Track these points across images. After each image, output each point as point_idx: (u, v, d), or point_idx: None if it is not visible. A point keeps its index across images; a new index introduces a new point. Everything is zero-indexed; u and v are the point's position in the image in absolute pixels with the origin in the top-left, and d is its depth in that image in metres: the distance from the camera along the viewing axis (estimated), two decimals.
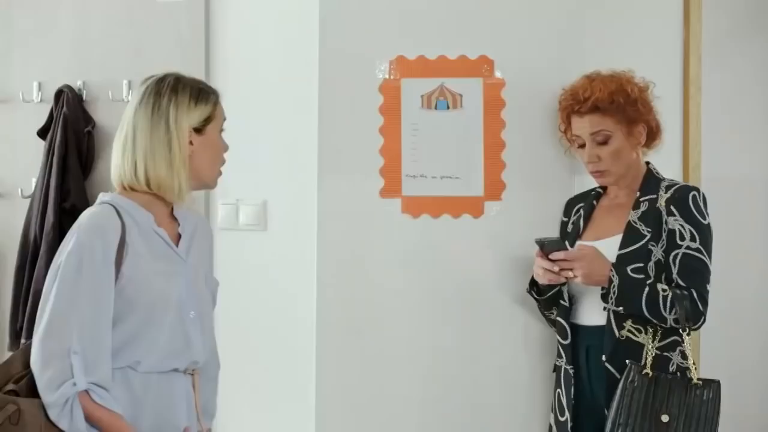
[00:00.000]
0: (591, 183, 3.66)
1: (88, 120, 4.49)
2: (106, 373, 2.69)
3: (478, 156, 3.83)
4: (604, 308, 3.37)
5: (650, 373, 3.27)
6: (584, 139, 3.50)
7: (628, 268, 3.35)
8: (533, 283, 3.59)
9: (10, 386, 2.70)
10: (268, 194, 4.05)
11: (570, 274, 3.36)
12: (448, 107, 3.84)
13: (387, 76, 3.85)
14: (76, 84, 4.51)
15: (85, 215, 2.79)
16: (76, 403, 2.63)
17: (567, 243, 3.51)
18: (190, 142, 2.83)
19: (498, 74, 3.84)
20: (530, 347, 3.84)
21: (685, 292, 3.30)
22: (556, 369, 3.59)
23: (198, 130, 2.84)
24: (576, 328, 3.51)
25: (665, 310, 3.29)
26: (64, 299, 2.67)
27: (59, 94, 4.51)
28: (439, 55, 3.84)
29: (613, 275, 3.31)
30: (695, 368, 3.32)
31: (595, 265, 3.34)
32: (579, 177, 3.79)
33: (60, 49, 4.58)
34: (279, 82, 4.00)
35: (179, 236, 2.91)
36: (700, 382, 3.27)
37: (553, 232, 3.73)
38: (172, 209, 2.92)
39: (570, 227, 3.66)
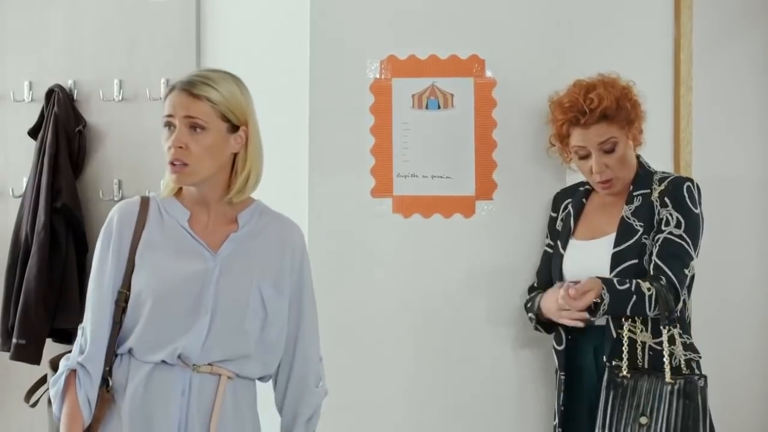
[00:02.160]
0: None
1: (79, 119, 4.50)
2: (95, 355, 2.74)
3: (470, 155, 3.83)
4: (588, 319, 3.28)
5: (627, 375, 3.25)
6: (589, 150, 3.42)
7: (621, 267, 3.34)
8: (539, 321, 3.52)
9: None
10: (258, 194, 4.01)
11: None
12: (439, 107, 3.83)
13: (378, 76, 3.85)
14: (67, 83, 4.53)
15: None
16: (62, 378, 2.75)
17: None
18: None
19: (489, 74, 3.83)
20: (522, 348, 3.83)
21: (662, 278, 3.27)
22: (557, 372, 3.55)
23: None
24: (582, 329, 3.40)
25: (649, 309, 3.24)
26: (89, 283, 2.83)
27: (50, 93, 4.52)
28: (430, 55, 3.83)
29: (604, 293, 3.23)
30: (669, 364, 3.25)
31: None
32: (571, 176, 3.78)
33: (51, 48, 4.60)
34: (270, 82, 3.98)
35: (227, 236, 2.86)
36: (674, 381, 3.21)
37: (543, 233, 3.73)
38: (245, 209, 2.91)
39: (559, 224, 3.63)
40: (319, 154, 3.87)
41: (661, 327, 3.25)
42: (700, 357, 3.37)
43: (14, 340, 4.42)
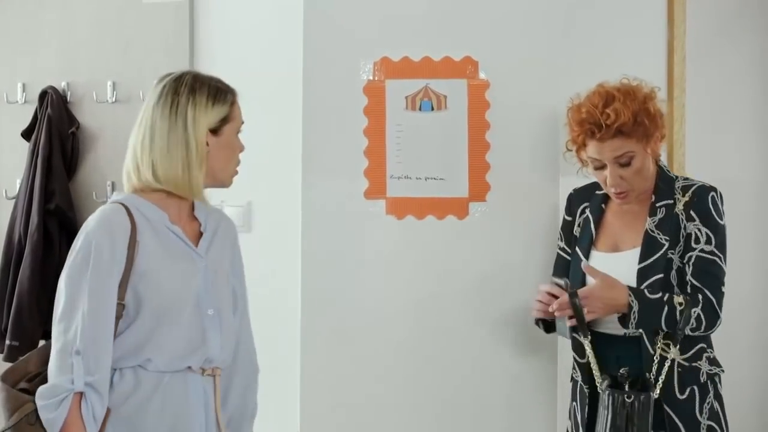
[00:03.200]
0: (576, 184, 3.61)
1: (73, 121, 4.50)
2: (104, 375, 2.71)
3: (463, 157, 3.83)
4: (625, 334, 3.25)
5: (603, 389, 3.20)
6: (604, 162, 3.30)
7: (648, 282, 3.25)
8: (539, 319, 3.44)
9: (23, 384, 2.73)
10: (252, 195, 4.05)
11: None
12: (432, 108, 3.83)
13: (371, 78, 3.85)
14: (61, 85, 4.53)
15: (94, 214, 2.80)
16: (66, 401, 2.66)
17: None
18: (206, 143, 2.82)
19: (482, 75, 3.83)
20: (517, 349, 3.83)
21: (699, 296, 3.21)
22: (573, 381, 3.46)
23: (214, 131, 2.83)
24: (602, 338, 3.32)
25: (681, 324, 3.18)
26: (71, 298, 2.71)
27: (44, 95, 4.52)
28: (424, 56, 3.83)
29: (632, 301, 3.17)
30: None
31: (608, 297, 3.20)
32: (564, 178, 3.77)
33: (45, 50, 4.60)
34: (263, 84, 3.99)
35: (200, 234, 2.90)
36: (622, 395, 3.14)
37: (537, 235, 3.75)
38: (193, 208, 2.92)
39: (576, 229, 3.51)
40: (313, 155, 3.87)
41: (671, 344, 3.19)
42: (722, 371, 3.32)
43: (7, 342, 4.42)
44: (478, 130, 3.82)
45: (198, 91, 2.82)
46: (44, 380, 2.71)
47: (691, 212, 3.29)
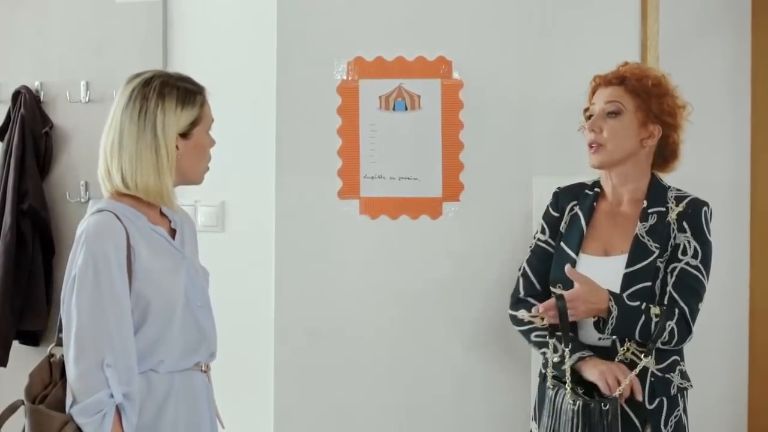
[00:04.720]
0: (552, 185, 3.57)
1: (46, 121, 4.49)
2: (136, 384, 2.71)
3: (437, 157, 3.84)
4: (599, 338, 3.23)
5: (550, 386, 3.21)
6: (596, 109, 3.33)
7: (634, 288, 3.21)
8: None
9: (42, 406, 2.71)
10: (226, 195, 4.05)
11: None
12: (406, 108, 3.84)
13: (345, 77, 3.85)
14: (34, 85, 4.52)
15: (89, 225, 2.75)
16: (110, 414, 2.65)
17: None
18: (176, 147, 2.81)
19: (456, 75, 3.84)
20: (490, 347, 3.84)
21: (675, 309, 3.18)
22: (546, 379, 3.35)
23: (184, 135, 2.82)
24: (573, 345, 3.25)
25: (654, 336, 3.14)
26: (87, 313, 2.67)
27: (17, 95, 4.51)
28: (397, 56, 3.84)
29: (612, 306, 3.14)
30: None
31: (590, 301, 3.16)
32: (537, 178, 3.79)
33: (18, 50, 4.58)
34: (237, 83, 3.99)
35: (173, 231, 2.92)
36: (573, 401, 3.10)
37: (510, 234, 3.76)
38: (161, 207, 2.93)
39: (563, 226, 3.44)
40: (287, 155, 3.87)
41: (641, 355, 3.14)
42: (691, 386, 3.30)
43: None
44: (451, 129, 3.83)
45: (167, 96, 2.80)
46: (54, 398, 2.70)
47: (684, 223, 3.26)
